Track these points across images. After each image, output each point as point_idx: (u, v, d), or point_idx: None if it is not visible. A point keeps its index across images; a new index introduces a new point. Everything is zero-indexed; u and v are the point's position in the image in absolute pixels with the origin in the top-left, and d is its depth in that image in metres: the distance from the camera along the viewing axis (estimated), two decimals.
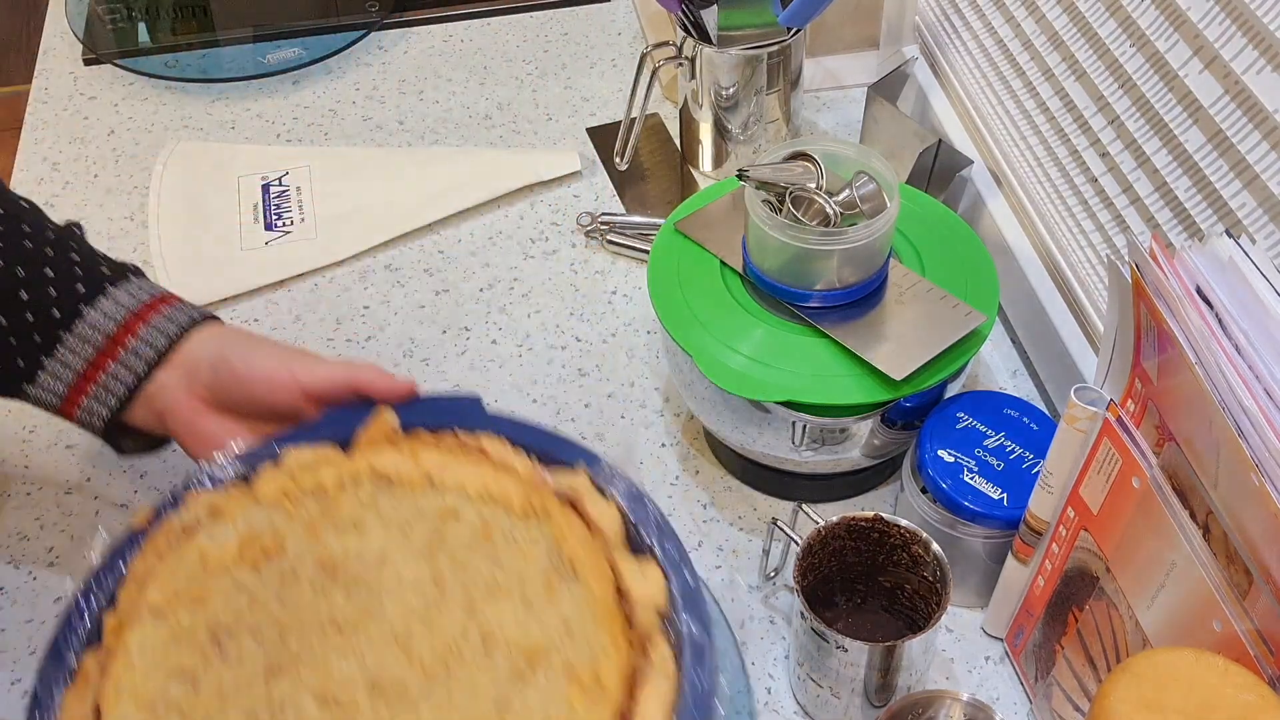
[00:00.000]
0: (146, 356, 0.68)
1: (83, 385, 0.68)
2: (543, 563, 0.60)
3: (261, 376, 0.67)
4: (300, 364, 0.68)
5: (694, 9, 0.93)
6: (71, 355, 0.68)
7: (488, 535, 0.61)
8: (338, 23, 1.21)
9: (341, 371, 0.67)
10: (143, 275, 0.72)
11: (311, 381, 0.67)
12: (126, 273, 0.71)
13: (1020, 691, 0.72)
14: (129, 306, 0.69)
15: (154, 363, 0.68)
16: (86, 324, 0.68)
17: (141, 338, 0.68)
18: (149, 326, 0.68)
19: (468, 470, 0.64)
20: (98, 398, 0.68)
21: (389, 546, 0.61)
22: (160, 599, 0.59)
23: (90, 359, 0.68)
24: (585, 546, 0.60)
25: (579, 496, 0.63)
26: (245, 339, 0.70)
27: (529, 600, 0.58)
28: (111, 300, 0.68)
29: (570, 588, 0.59)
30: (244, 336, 0.70)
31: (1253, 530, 0.49)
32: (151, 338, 0.68)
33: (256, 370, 0.67)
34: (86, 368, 0.68)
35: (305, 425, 0.67)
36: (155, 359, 0.68)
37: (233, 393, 0.68)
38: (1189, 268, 0.53)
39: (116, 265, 0.71)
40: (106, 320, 0.68)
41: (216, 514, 0.63)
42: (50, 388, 0.68)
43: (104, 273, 0.70)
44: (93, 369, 0.68)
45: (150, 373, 0.68)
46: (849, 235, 0.69)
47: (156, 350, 0.68)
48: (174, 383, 0.68)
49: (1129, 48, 0.73)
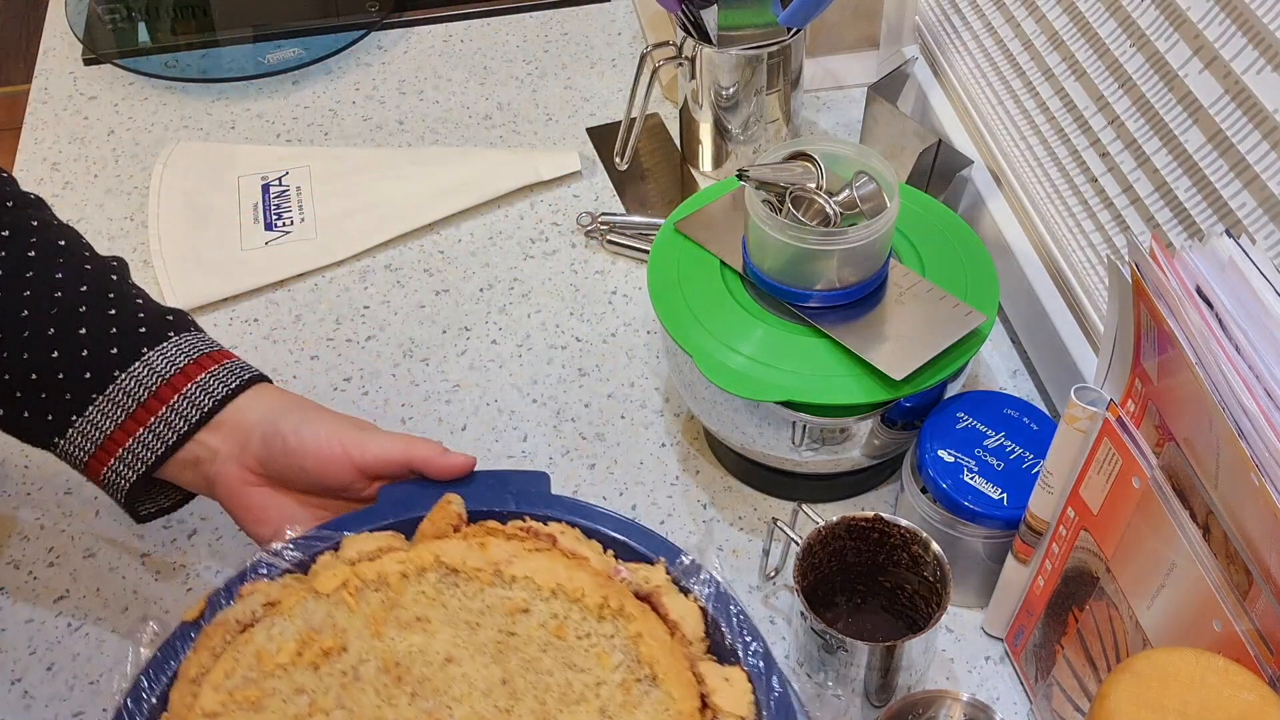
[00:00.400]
0: (190, 418, 0.65)
1: (111, 448, 0.66)
2: (620, 667, 0.57)
3: (313, 450, 0.64)
4: (353, 438, 0.65)
5: (694, 9, 0.93)
6: (102, 418, 0.65)
7: (561, 634, 0.58)
8: (338, 23, 1.21)
9: (397, 448, 0.65)
10: (188, 327, 0.69)
11: (364, 458, 0.64)
12: (168, 330, 0.67)
13: (1020, 691, 0.72)
14: (163, 374, 0.66)
15: (197, 425, 0.65)
16: (119, 389, 0.65)
17: (187, 396, 0.65)
18: (196, 385, 0.66)
19: (538, 562, 0.61)
20: (124, 460, 0.66)
21: (455, 645, 0.58)
22: (214, 704, 0.57)
23: (120, 423, 0.65)
24: (665, 649, 0.57)
25: (657, 593, 0.60)
26: (298, 406, 0.67)
27: (606, 710, 0.56)
28: (145, 366, 0.66)
29: (650, 695, 0.56)
30: (296, 403, 0.67)
31: (1253, 530, 0.49)
32: (197, 398, 0.66)
33: (309, 443, 0.64)
34: (116, 431, 0.65)
35: (366, 511, 0.65)
36: (199, 422, 0.65)
37: (283, 465, 0.65)
38: (1189, 268, 0.53)
39: (158, 319, 0.68)
40: (139, 387, 0.65)
41: (273, 608, 0.60)
42: (79, 445, 0.66)
43: (141, 334, 0.66)
44: (122, 433, 0.65)
45: (194, 432, 0.65)
46: (849, 235, 0.69)
47: (202, 411, 0.66)
48: (225, 450, 0.66)
49: (1129, 48, 0.73)
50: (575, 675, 0.57)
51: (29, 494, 0.83)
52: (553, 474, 0.79)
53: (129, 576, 0.78)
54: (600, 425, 0.86)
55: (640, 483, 0.82)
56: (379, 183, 1.04)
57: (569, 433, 0.86)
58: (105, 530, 0.80)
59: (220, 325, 0.93)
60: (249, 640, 0.59)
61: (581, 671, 0.57)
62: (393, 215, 1.01)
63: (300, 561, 0.63)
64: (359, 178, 1.04)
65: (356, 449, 0.65)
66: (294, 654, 0.58)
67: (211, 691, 0.57)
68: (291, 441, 0.65)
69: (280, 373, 0.90)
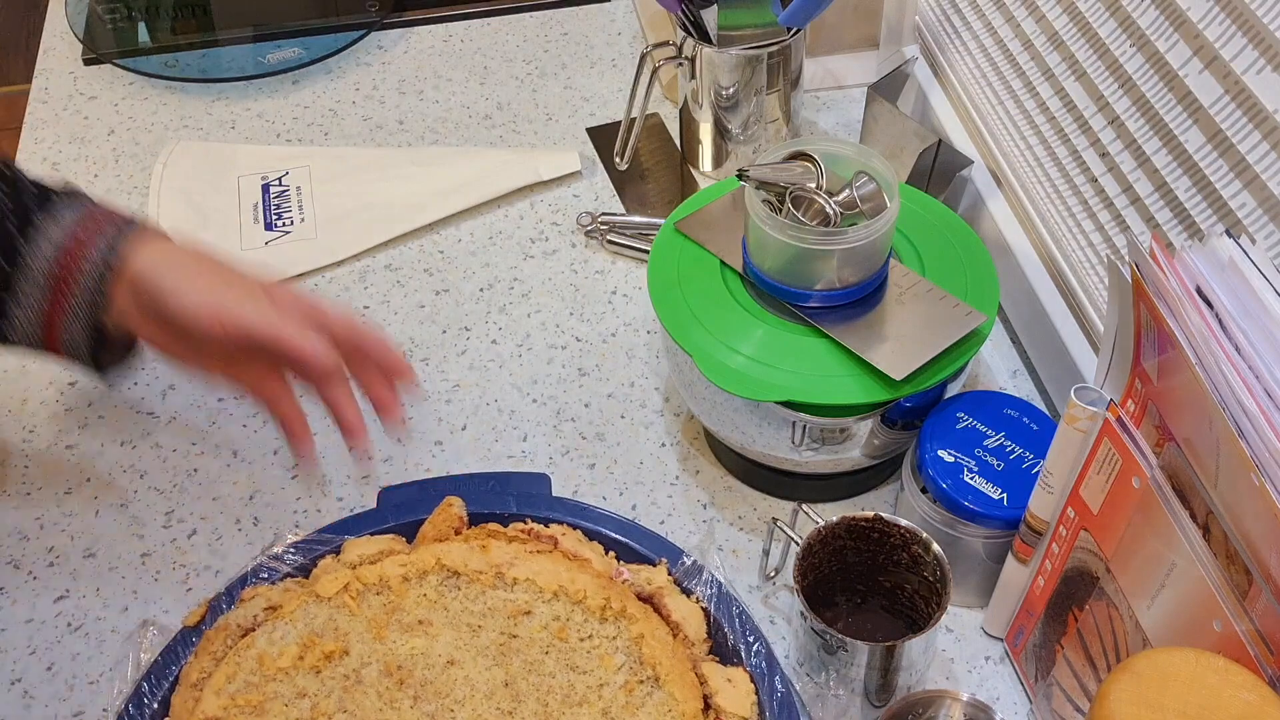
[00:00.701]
0: (98, 276, 0.66)
1: (53, 316, 0.66)
2: (622, 668, 0.57)
3: (190, 313, 0.64)
4: (230, 301, 0.64)
5: (694, 9, 0.93)
6: (31, 288, 0.66)
7: (563, 636, 0.58)
8: (338, 23, 1.21)
9: (261, 327, 0.63)
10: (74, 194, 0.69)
11: (234, 328, 0.63)
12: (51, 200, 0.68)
13: (1020, 691, 0.72)
14: (58, 244, 0.66)
15: (107, 279, 0.65)
16: (31, 265, 0.65)
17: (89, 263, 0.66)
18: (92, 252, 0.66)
19: (540, 564, 0.61)
20: (74, 316, 0.66)
21: (458, 648, 0.58)
22: (216, 709, 0.57)
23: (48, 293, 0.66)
24: (667, 651, 0.58)
25: (660, 594, 0.60)
26: (180, 264, 0.66)
27: (609, 711, 0.56)
28: (44, 238, 0.66)
29: (653, 696, 0.56)
30: (179, 261, 0.66)
31: (1253, 530, 0.49)
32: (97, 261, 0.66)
33: (187, 304, 0.64)
34: (49, 300, 0.66)
35: (366, 514, 0.65)
36: (107, 277, 0.65)
37: (167, 323, 0.65)
38: (1189, 268, 0.53)
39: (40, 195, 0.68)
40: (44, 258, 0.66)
41: (275, 612, 0.60)
42: (26, 323, 0.66)
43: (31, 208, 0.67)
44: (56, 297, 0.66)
45: (106, 290, 0.66)
46: (849, 235, 0.69)
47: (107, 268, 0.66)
48: (128, 305, 0.66)
49: (1129, 48, 0.73)
50: (578, 677, 0.57)
51: (29, 494, 0.83)
52: (552, 474, 0.79)
53: (129, 576, 0.78)
54: (600, 425, 0.86)
55: (640, 483, 0.82)
56: (379, 183, 1.04)
57: (569, 433, 0.86)
58: (105, 530, 0.80)
59: None
60: (250, 644, 0.59)
61: (584, 673, 0.57)
62: (393, 215, 1.01)
63: (301, 565, 0.63)
64: (359, 178, 1.04)
65: (228, 317, 0.63)
66: (296, 658, 0.58)
67: (213, 696, 0.57)
68: (171, 305, 0.64)
69: None
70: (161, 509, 0.81)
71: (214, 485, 0.83)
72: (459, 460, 0.84)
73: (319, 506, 0.81)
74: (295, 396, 0.68)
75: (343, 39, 1.19)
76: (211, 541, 0.80)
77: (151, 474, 0.83)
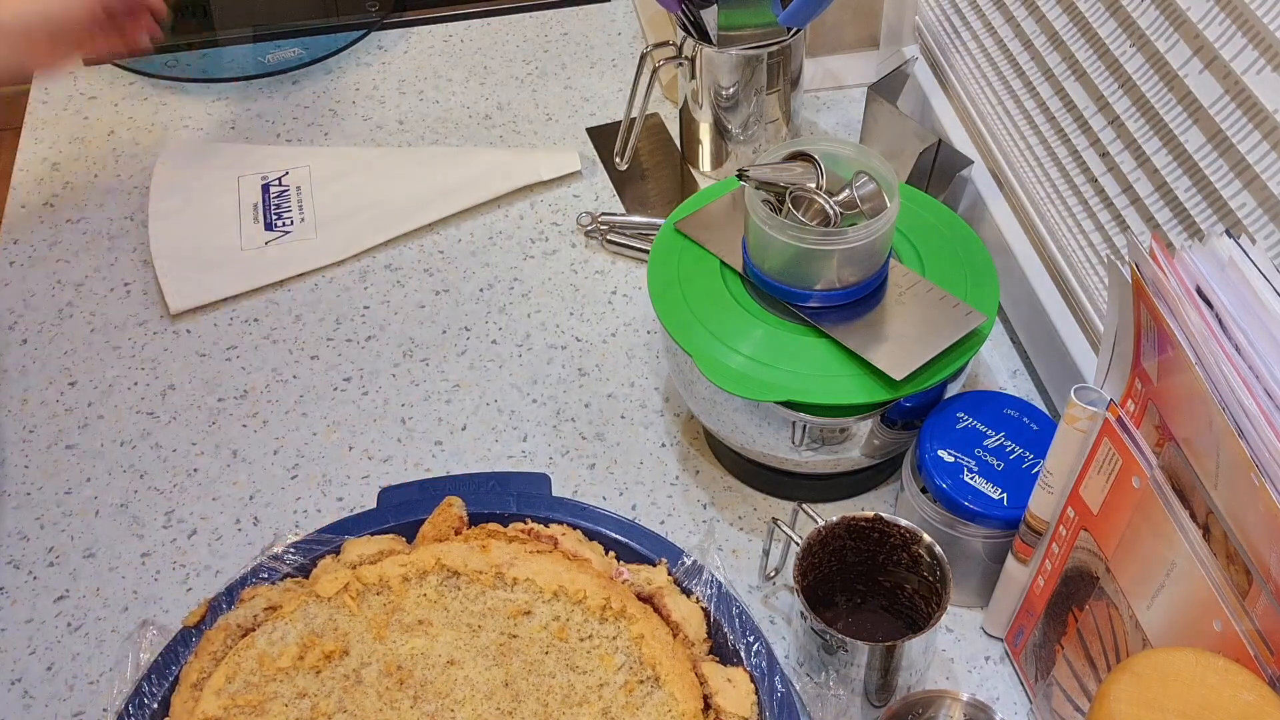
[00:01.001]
0: None
1: None
2: (622, 668, 0.57)
3: (74, 12, 0.77)
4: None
5: (694, 9, 0.93)
6: None
7: (563, 636, 0.59)
8: (338, 23, 1.21)
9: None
10: None
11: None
12: None
13: (1020, 691, 0.72)
14: None
15: None
16: None
17: None
18: None
19: (540, 564, 0.61)
20: None
21: (458, 648, 0.58)
22: (216, 709, 0.57)
23: None
24: (667, 651, 0.58)
25: (660, 594, 0.60)
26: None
27: (609, 711, 0.56)
28: None
29: (653, 696, 0.56)
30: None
31: (1253, 530, 0.49)
32: None
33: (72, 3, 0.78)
34: None
35: (366, 514, 0.65)
36: None
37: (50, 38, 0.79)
38: (1189, 268, 0.53)
39: None
40: None
41: (274, 612, 0.60)
42: None
43: None
44: None
45: None
46: (849, 235, 0.69)
47: None
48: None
49: (1129, 48, 0.73)
50: (578, 677, 0.57)
51: (29, 494, 0.83)
52: (552, 474, 0.79)
53: (129, 576, 0.78)
54: (600, 425, 0.86)
55: (640, 483, 0.82)
56: (379, 183, 1.04)
57: (569, 433, 0.86)
58: (105, 530, 0.80)
59: (220, 325, 0.94)
60: (250, 644, 0.59)
61: (584, 673, 0.57)
62: (393, 215, 1.01)
63: (301, 565, 0.63)
64: (359, 178, 1.04)
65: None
66: (296, 658, 0.58)
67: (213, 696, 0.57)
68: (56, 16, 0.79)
69: (280, 372, 0.90)
70: (161, 509, 0.81)
71: (214, 485, 0.83)
72: (459, 460, 0.84)
73: (319, 506, 0.81)
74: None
75: (343, 39, 1.19)
76: (211, 541, 0.80)
77: (151, 474, 0.84)
